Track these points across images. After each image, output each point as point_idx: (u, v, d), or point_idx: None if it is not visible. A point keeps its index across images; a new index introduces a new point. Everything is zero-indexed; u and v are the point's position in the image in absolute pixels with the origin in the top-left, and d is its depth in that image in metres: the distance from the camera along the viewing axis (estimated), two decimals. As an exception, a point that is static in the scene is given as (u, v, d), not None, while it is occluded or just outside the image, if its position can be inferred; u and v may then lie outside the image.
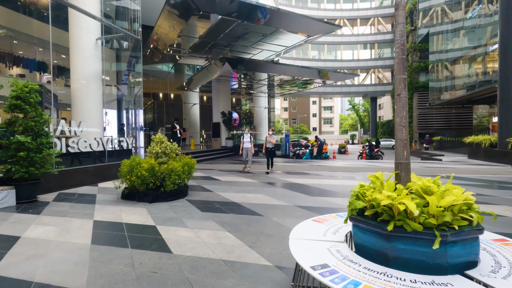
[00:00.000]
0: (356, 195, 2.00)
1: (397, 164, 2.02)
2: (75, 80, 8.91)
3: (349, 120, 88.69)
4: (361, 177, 8.17)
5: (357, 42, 42.53)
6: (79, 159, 7.44)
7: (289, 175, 8.78)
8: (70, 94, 8.95)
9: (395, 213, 1.73)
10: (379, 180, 2.06)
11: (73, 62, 8.93)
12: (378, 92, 42.12)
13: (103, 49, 9.56)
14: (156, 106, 28.01)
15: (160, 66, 27.62)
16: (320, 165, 11.98)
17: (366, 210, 1.90)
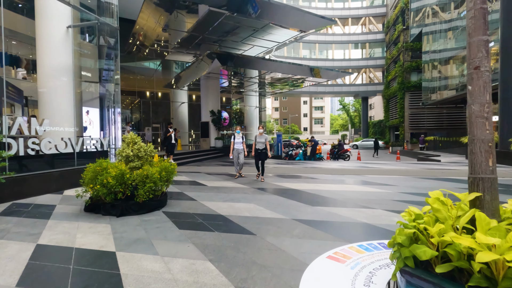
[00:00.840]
0: (413, 233, 1.19)
1: (476, 180, 1.23)
2: (41, 74, 7.88)
3: (340, 120, 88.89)
4: (361, 181, 7.44)
5: (349, 41, 42.24)
6: (42, 162, 6.43)
7: (283, 179, 7.98)
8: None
9: (500, 275, 0.94)
10: (446, 206, 1.25)
11: (40, 53, 7.89)
12: (369, 92, 41.94)
13: (74, 39, 8.54)
14: (143, 105, 26.85)
15: (147, 64, 26.50)
16: (315, 167, 11.25)
17: (431, 259, 1.09)
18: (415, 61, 31.28)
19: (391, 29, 37.38)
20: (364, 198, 5.39)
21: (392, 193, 5.79)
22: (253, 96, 29.38)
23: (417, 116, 31.19)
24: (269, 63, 16.66)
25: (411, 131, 31.60)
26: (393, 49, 36.22)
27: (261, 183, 7.25)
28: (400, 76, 32.39)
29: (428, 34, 25.17)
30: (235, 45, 18.25)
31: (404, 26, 32.11)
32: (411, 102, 31.30)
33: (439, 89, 22.62)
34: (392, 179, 7.75)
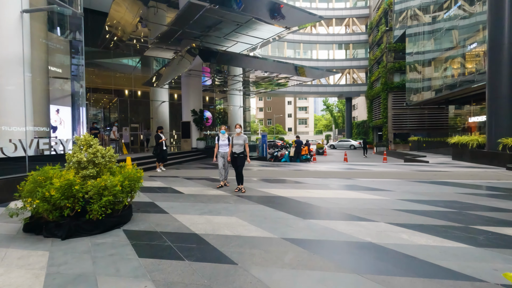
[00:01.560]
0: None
1: None
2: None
3: (323, 120, 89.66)
4: (353, 186, 6.86)
5: (333, 42, 42.29)
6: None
7: (268, 184, 7.27)
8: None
9: None
10: None
11: (-14, 41, 6.77)
12: (353, 93, 42.17)
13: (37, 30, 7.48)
14: (120, 104, 25.41)
15: (126, 61, 25.08)
16: (302, 169, 10.63)
17: None
18: (398, 62, 31.59)
19: (374, 30, 37.70)
20: (362, 207, 4.76)
21: (391, 201, 5.21)
22: (237, 96, 28.60)
23: (400, 116, 31.50)
24: (254, 61, 15.95)
25: (394, 131, 31.89)
26: (376, 50, 36.52)
27: (245, 190, 6.50)
28: (383, 77, 32.62)
29: (411, 35, 25.35)
30: (218, 41, 17.41)
31: (387, 27, 32.37)
32: (394, 102, 31.56)
33: (422, 90, 22.74)
34: (386, 183, 7.22)
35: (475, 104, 19.39)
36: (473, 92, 17.37)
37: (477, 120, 18.59)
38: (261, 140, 16.86)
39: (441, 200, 5.18)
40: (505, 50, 10.41)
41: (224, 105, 31.79)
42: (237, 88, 26.14)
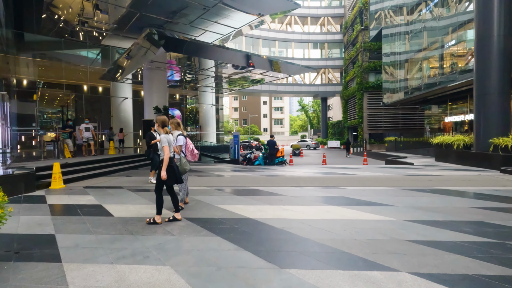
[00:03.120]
0: None
1: None
2: None
3: (299, 121, 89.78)
4: (343, 198, 5.44)
5: (308, 40, 41.63)
6: None
7: (235, 198, 5.66)
8: None
9: None
10: None
11: None
12: (328, 93, 41.79)
13: None
14: (75, 101, 22.55)
15: (84, 53, 22.26)
16: (278, 174, 9.13)
17: None
18: (373, 61, 31.37)
19: (349, 30, 37.47)
20: (363, 237, 3.29)
21: (398, 223, 3.81)
22: (209, 93, 26.75)
23: (375, 116, 31.28)
24: (224, 52, 14.27)
25: (370, 131, 31.63)
26: (352, 49, 36.27)
27: (199, 209, 4.83)
28: (358, 76, 32.29)
29: (388, 36, 24.95)
30: (184, 29, 15.53)
31: (362, 26, 32.08)
32: (369, 102, 31.30)
33: (399, 90, 22.32)
34: (380, 193, 5.89)
35: (451, 103, 19.16)
36: (450, 91, 16.99)
37: (453, 119, 18.30)
38: (233, 141, 15.24)
39: (462, 221, 3.86)
40: (494, 43, 9.64)
41: (195, 103, 29.76)
42: (209, 84, 24.29)
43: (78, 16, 14.71)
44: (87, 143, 12.08)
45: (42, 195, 6.06)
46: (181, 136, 4.57)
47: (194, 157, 4.98)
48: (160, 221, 3.96)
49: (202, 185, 7.05)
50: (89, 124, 12.13)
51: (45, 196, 5.99)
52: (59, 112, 23.98)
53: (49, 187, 6.93)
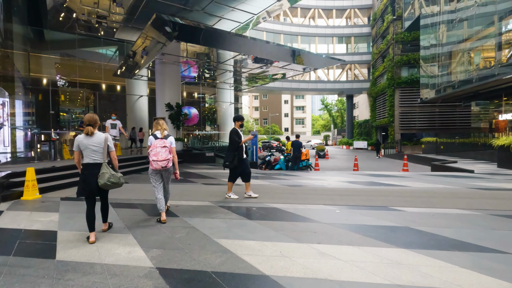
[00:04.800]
0: None
1: None
2: None
3: (321, 120, 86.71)
4: (413, 232, 3.58)
5: (333, 34, 39.14)
6: None
7: (245, 225, 3.97)
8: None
9: None
10: None
11: None
12: (355, 90, 39.04)
13: None
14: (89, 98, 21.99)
15: (102, 50, 21.64)
16: (304, 184, 7.33)
17: None
18: (406, 54, 28.48)
19: (378, 21, 34.62)
20: None
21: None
22: (227, 91, 25.29)
23: (408, 115, 28.38)
24: (241, 40, 12.65)
25: (402, 131, 28.76)
26: (381, 43, 33.44)
27: (188, 247, 3.17)
28: (389, 71, 29.51)
29: (427, 25, 22.15)
30: (198, 17, 14.07)
31: (395, 16, 29.26)
32: (401, 99, 28.45)
33: (440, 85, 19.60)
34: (462, 221, 3.95)
35: (506, 98, 16.30)
36: (506, 84, 14.30)
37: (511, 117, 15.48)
38: (250, 141, 13.58)
39: None
40: None
41: (214, 102, 28.48)
42: (227, 81, 22.84)
43: (93, 7, 13.72)
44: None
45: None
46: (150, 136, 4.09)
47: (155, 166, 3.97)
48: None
49: (206, 200, 5.42)
50: (116, 121, 10.12)
51: (3, 212, 4.63)
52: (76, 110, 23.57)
53: (20, 198, 5.63)
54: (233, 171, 5.41)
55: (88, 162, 3.35)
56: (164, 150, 3.96)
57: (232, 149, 5.19)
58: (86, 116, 3.42)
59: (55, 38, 18.13)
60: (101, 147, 3.39)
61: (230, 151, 5.23)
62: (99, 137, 3.40)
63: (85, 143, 3.33)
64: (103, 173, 3.32)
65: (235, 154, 5.19)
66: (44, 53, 18.27)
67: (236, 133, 5.22)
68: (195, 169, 10.74)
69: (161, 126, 4.16)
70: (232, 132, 5.30)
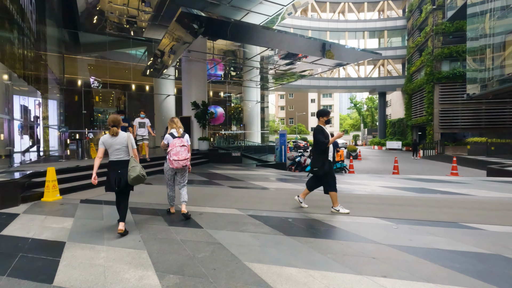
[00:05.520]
0: None
1: None
2: None
3: (349, 120, 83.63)
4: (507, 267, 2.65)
5: (364, 29, 37.15)
6: None
7: (281, 243, 3.25)
8: None
9: None
10: None
11: None
12: (388, 87, 36.75)
13: None
14: (119, 98, 22.46)
15: (132, 51, 22.05)
16: (343, 190, 6.47)
17: None
18: (447, 47, 26.12)
19: (414, 13, 32.24)
20: None
21: None
22: (253, 90, 24.70)
23: (449, 112, 26.01)
24: (270, 34, 11.94)
25: (442, 130, 26.44)
26: (418, 35, 31.09)
27: (212, 274, 2.52)
28: (428, 66, 27.26)
29: (476, 14, 19.98)
30: (225, 12, 13.59)
31: (434, 6, 26.96)
32: (442, 96, 26.14)
33: (492, 79, 17.52)
34: None
35: None
36: None
37: None
38: (279, 140, 12.84)
39: None
40: None
41: (240, 101, 28.05)
42: (254, 78, 22.27)
43: (123, 6, 13.78)
44: (141, 143, 9.40)
45: (15, 214, 4.40)
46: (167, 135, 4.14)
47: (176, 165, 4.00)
48: None
49: (233, 207, 4.77)
50: (145, 119, 9.45)
51: (18, 216, 4.31)
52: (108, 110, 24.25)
53: (40, 199, 5.36)
54: (320, 178, 4.45)
55: (113, 159, 3.61)
56: (184, 149, 4.02)
57: (319, 151, 4.35)
58: (110, 117, 3.59)
59: (88, 40, 18.66)
60: (125, 145, 3.63)
61: (318, 154, 4.38)
62: (122, 136, 3.64)
63: (110, 142, 3.58)
64: (134, 167, 3.52)
65: (324, 158, 4.34)
66: (78, 55, 18.85)
67: (322, 132, 4.36)
68: (221, 170, 10.21)
69: (176, 125, 4.17)
70: (316, 131, 4.37)
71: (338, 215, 4.28)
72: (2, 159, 7.16)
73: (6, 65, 7.02)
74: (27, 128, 9.61)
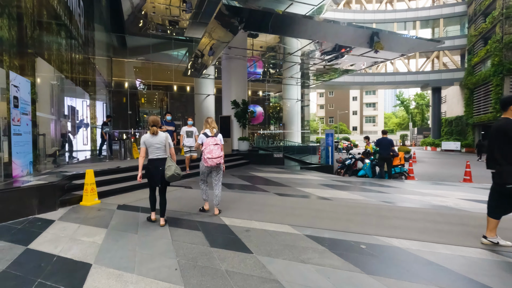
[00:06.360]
0: None
1: None
2: None
3: (395, 118, 77.94)
4: None
5: (415, 18, 33.87)
6: None
7: (360, 282, 2.35)
8: None
9: None
10: None
11: None
12: (443, 81, 33.03)
13: None
14: (162, 99, 23.05)
15: (174, 53, 22.47)
16: (414, 202, 5.30)
17: None
18: (521, 32, 22.47)
19: (478, -4, 28.49)
20: None
21: None
22: (293, 87, 23.67)
23: (524, 109, 22.30)
24: (315, 24, 10.92)
25: (514, 130, 22.77)
26: (482, 21, 27.39)
27: None
28: (496, 55, 23.75)
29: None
30: (267, 4, 12.85)
31: (504, -15, 23.40)
32: (515, 89, 22.57)
33: None
34: None
35: None
36: None
37: None
38: (324, 141, 11.74)
39: None
40: None
41: (279, 100, 27.20)
42: (294, 75, 21.27)
43: (166, 6, 13.86)
44: (189, 155, 7.94)
45: (51, 221, 4.09)
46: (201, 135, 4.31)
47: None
48: None
49: (284, 222, 3.96)
50: (193, 127, 7.89)
51: (53, 223, 3.98)
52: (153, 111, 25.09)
53: (79, 203, 5.09)
54: None
55: (153, 157, 3.89)
56: (217, 147, 4.16)
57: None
58: (151, 118, 3.88)
59: (133, 43, 19.28)
60: (163, 144, 3.90)
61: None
62: (161, 136, 3.92)
63: (151, 141, 3.86)
64: (170, 166, 3.76)
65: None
66: (124, 58, 19.59)
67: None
68: (262, 173, 9.48)
69: (210, 125, 4.31)
70: (509, 125, 2.90)
71: (425, 241, 3.23)
72: (49, 159, 7.22)
73: (53, 65, 7.03)
74: (75, 128, 9.85)
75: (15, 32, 5.27)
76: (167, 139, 3.94)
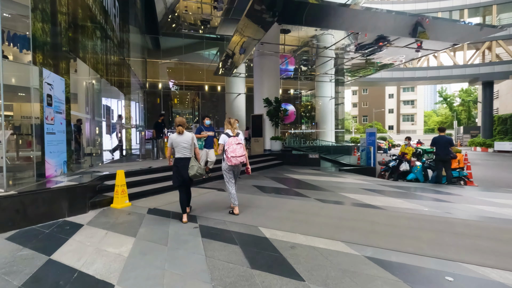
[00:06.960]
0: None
1: None
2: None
3: (435, 116, 72.39)
4: None
5: (463, 6, 30.89)
6: None
7: None
8: None
9: None
10: None
11: None
12: (496, 74, 29.72)
13: None
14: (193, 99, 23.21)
15: (206, 53, 22.54)
16: (489, 214, 4.38)
17: None
18: None
19: (540, -22, 25.14)
20: None
21: None
22: (327, 84, 22.61)
23: None
24: (353, 13, 10.01)
25: None
26: (546, 5, 24.11)
27: None
28: None
29: None
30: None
31: None
32: None
33: None
34: None
35: None
36: None
37: None
38: (365, 141, 10.77)
39: None
40: None
41: (311, 98, 26.20)
42: (328, 71, 20.24)
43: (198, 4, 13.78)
44: None
45: (79, 225, 3.84)
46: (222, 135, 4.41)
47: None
48: None
49: (336, 237, 3.32)
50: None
51: (81, 228, 3.72)
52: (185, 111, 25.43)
53: (110, 205, 4.86)
54: None
55: (180, 156, 4.05)
56: (239, 146, 4.22)
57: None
58: (178, 118, 4.06)
59: (167, 45, 19.55)
60: (190, 144, 4.08)
61: None
62: (188, 136, 4.09)
63: (178, 141, 4.04)
64: (193, 166, 3.97)
65: None
66: (158, 59, 19.94)
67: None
68: (298, 174, 8.82)
69: (232, 126, 4.43)
70: None
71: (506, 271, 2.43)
72: (85, 158, 7.21)
73: (88, 64, 6.98)
74: (110, 127, 9.93)
75: (49, 29, 5.17)
76: (193, 139, 4.13)
